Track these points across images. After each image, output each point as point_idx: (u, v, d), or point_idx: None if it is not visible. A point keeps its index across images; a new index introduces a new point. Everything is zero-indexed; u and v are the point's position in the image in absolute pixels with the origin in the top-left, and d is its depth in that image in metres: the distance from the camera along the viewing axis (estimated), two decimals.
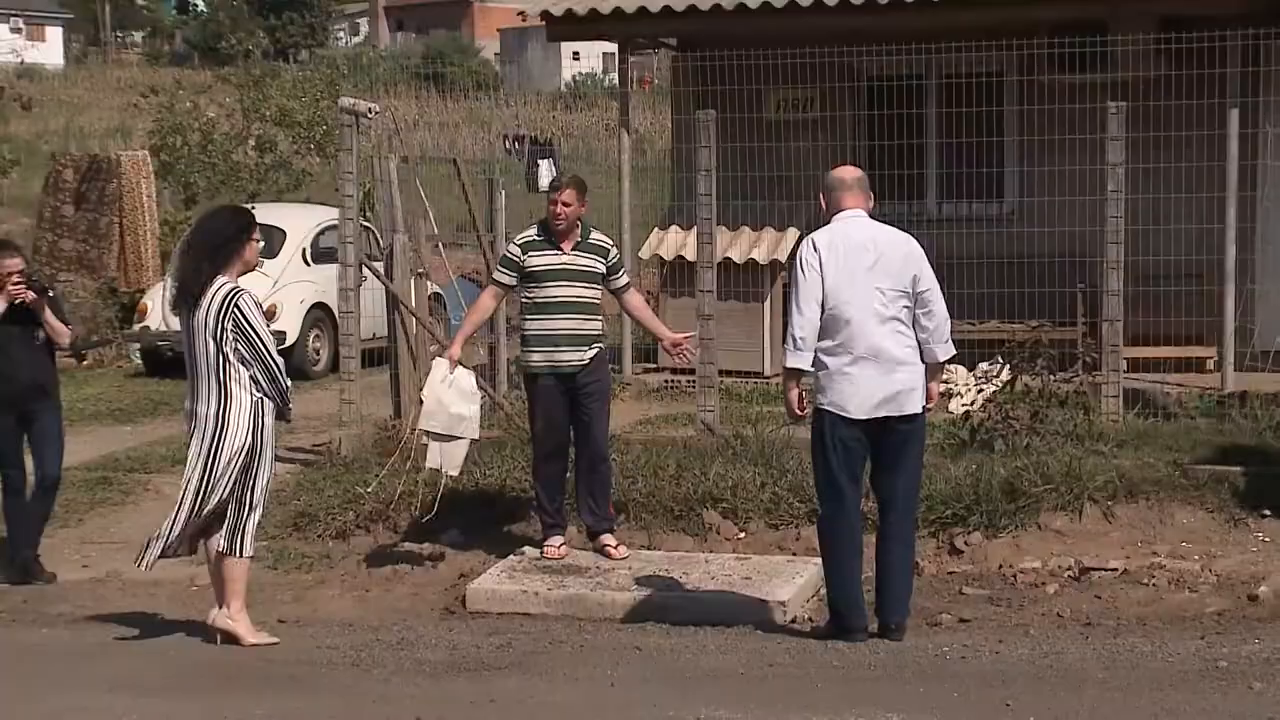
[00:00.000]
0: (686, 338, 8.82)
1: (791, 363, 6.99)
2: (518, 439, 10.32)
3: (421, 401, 8.69)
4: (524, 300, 8.58)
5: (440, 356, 8.90)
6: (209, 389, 7.18)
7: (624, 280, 8.78)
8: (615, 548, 8.58)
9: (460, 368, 8.69)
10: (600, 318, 8.69)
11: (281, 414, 7.33)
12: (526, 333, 8.55)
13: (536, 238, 8.56)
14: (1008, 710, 6.02)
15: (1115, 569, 8.30)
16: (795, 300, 6.98)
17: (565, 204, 8.46)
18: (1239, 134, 11.91)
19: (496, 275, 8.71)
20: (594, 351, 8.53)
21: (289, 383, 7.38)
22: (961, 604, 7.98)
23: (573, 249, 8.53)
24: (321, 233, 16.68)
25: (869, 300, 6.97)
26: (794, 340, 6.95)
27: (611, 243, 8.77)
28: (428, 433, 8.68)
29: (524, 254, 8.52)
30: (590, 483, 8.62)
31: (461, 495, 9.50)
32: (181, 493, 7.26)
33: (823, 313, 6.95)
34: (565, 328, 8.45)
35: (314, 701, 6.38)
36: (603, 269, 8.59)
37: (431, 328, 11.78)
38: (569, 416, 8.55)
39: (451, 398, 8.57)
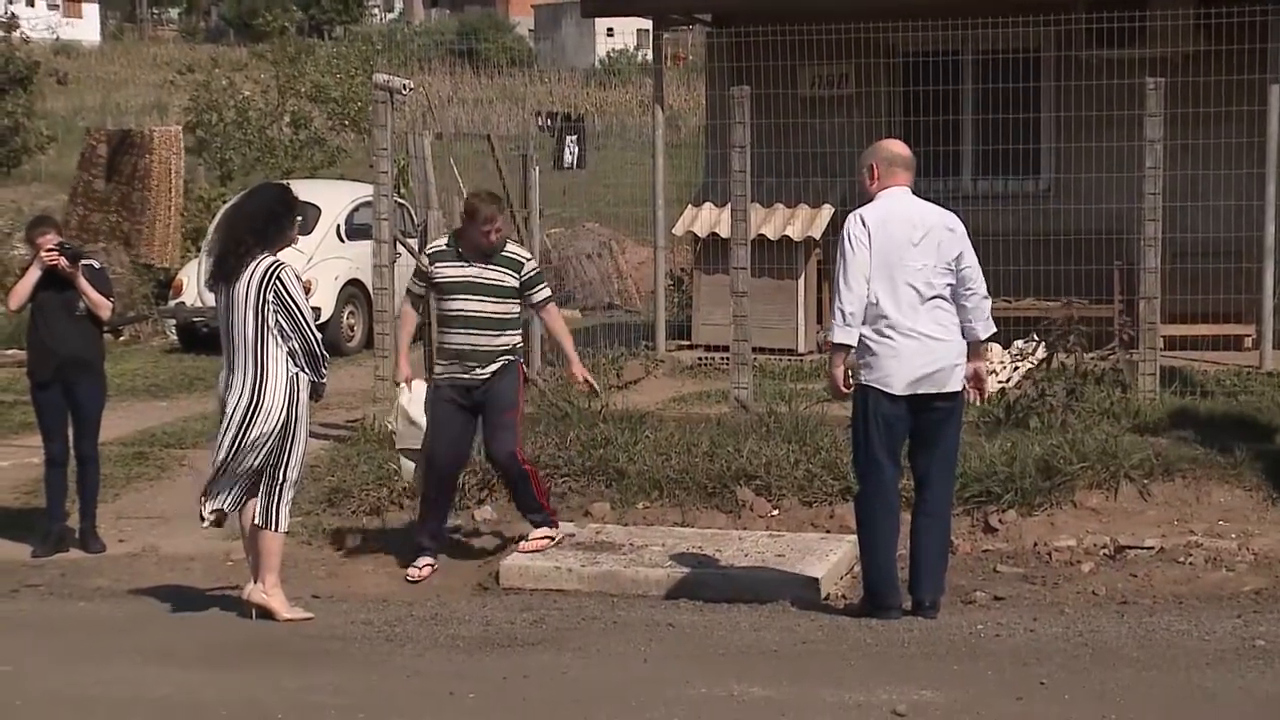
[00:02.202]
0: (588, 381, 8.57)
1: (839, 338, 6.98)
2: (551, 416, 10.32)
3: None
4: (436, 312, 8.34)
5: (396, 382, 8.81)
6: (245, 364, 7.20)
7: (541, 295, 8.44)
8: (540, 539, 8.38)
9: (417, 381, 8.60)
10: (513, 332, 8.39)
11: (316, 391, 7.35)
12: (437, 345, 8.36)
13: (445, 248, 8.30)
14: (1042, 688, 6.00)
15: (1151, 547, 8.26)
16: (843, 275, 6.96)
17: (499, 230, 8.28)
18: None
19: (410, 285, 8.43)
20: (497, 366, 8.26)
21: (327, 358, 7.41)
22: (996, 582, 7.96)
23: (483, 262, 8.27)
24: (356, 209, 16.70)
25: (915, 277, 6.97)
26: (842, 315, 6.94)
27: (528, 255, 8.52)
28: (404, 451, 8.66)
29: (431, 265, 8.27)
30: (509, 487, 8.58)
31: (494, 472, 9.49)
32: (215, 453, 7.29)
33: (869, 289, 6.94)
34: (468, 343, 8.20)
35: (347, 676, 6.40)
36: (515, 283, 8.29)
37: None
38: (468, 430, 8.39)
39: (416, 412, 8.49)
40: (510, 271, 8.30)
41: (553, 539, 8.40)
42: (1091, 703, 5.80)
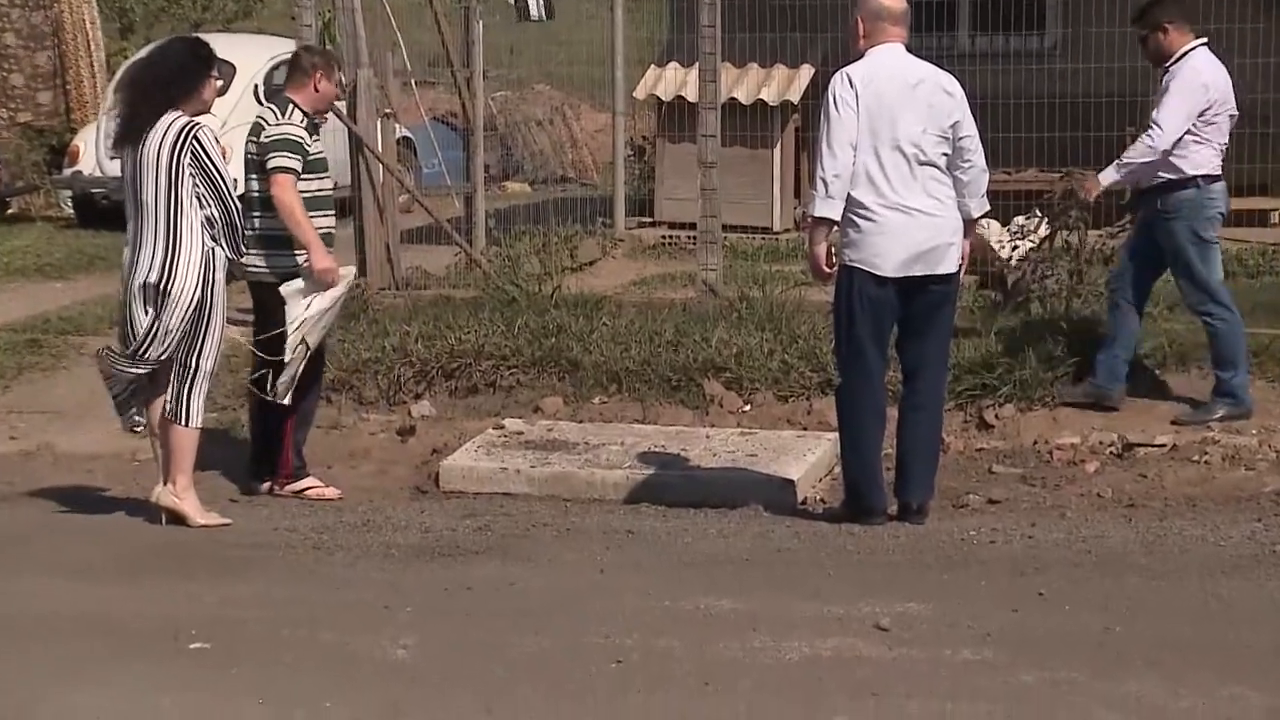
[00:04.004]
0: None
1: (820, 211, 6.95)
2: (497, 301, 10.30)
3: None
4: (303, 195, 7.80)
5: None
6: (155, 235, 7.16)
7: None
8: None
9: (345, 269, 8.19)
10: None
11: (233, 269, 7.32)
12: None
13: (309, 120, 7.96)
14: (1041, 600, 6.06)
15: (1163, 445, 8.32)
16: (826, 142, 6.91)
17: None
18: None
19: (289, 162, 7.79)
20: None
21: (246, 228, 7.37)
22: (991, 483, 8.01)
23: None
24: (275, 68, 16.46)
25: (907, 145, 6.94)
26: (824, 186, 6.90)
27: None
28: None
29: (310, 138, 7.94)
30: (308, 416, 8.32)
31: (434, 362, 9.49)
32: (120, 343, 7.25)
33: (855, 156, 6.90)
34: (334, 227, 8.06)
35: (271, 587, 6.42)
36: None
37: (400, 175, 11.70)
38: None
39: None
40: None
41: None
42: (1095, 614, 5.86)
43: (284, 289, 7.73)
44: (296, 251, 7.75)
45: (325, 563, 6.79)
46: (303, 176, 7.79)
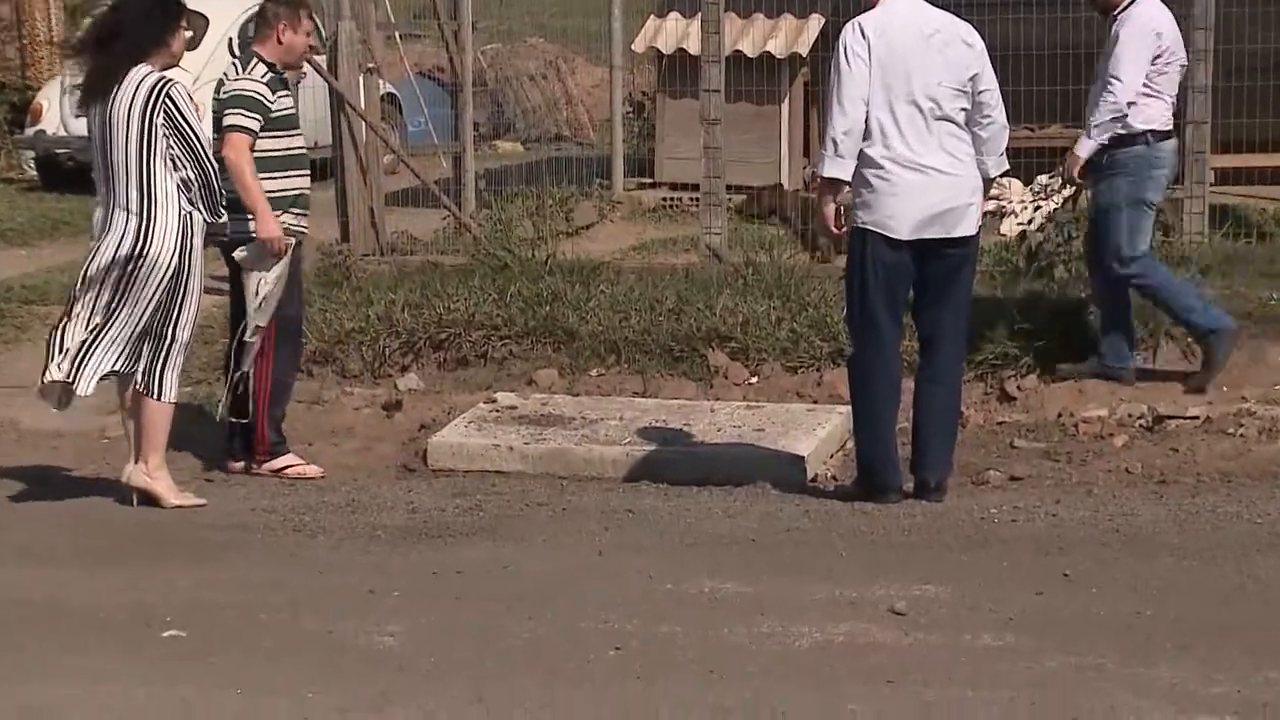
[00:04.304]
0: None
1: (830, 171, 6.95)
2: (487, 267, 10.30)
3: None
4: (269, 155, 7.84)
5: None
6: (127, 199, 7.15)
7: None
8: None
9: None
10: None
11: (212, 233, 7.31)
12: (271, 193, 7.77)
13: (272, 74, 7.92)
14: (1066, 581, 6.08)
15: (1195, 417, 8.32)
16: (837, 97, 6.91)
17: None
18: None
19: (244, 121, 7.73)
20: None
21: (225, 193, 7.38)
22: (1013, 459, 8.02)
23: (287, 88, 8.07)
24: (250, 20, 16.46)
25: (923, 99, 6.94)
26: (833, 144, 6.90)
27: None
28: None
29: (272, 94, 7.88)
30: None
31: (421, 333, 9.49)
32: (81, 311, 7.24)
33: (867, 112, 6.90)
34: (307, 187, 8.06)
35: (249, 571, 6.43)
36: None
37: (384, 134, 11.68)
38: None
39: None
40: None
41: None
42: (1124, 596, 5.88)
43: (237, 255, 7.72)
44: (277, 213, 7.73)
45: (307, 545, 6.80)
46: (266, 134, 7.76)
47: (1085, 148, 8.55)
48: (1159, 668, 5.18)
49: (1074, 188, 10.24)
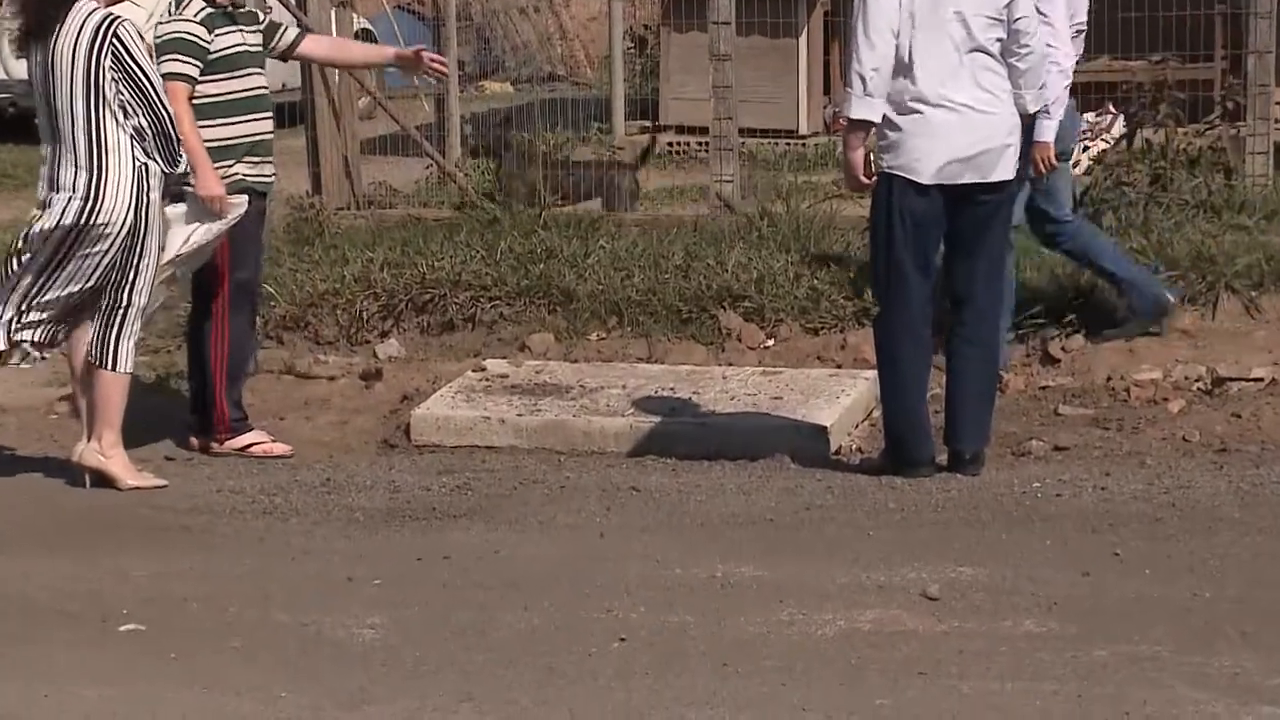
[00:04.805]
0: (421, 48, 8.37)
1: (857, 112, 6.96)
2: (476, 221, 10.30)
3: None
4: (213, 100, 7.81)
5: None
6: (75, 150, 7.16)
7: (290, 32, 8.24)
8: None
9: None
10: None
11: (170, 186, 7.31)
12: (215, 142, 7.75)
13: (210, 10, 7.85)
14: (1116, 560, 6.09)
15: (1260, 379, 8.32)
16: (862, 28, 6.91)
17: None
18: None
19: (181, 67, 7.70)
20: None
21: (181, 140, 7.35)
22: (1057, 427, 8.02)
23: (243, 23, 7.97)
24: None
25: (955, 29, 6.94)
26: (861, 82, 6.90)
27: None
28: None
29: (210, 33, 7.82)
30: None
31: (402, 294, 9.49)
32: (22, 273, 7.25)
33: (896, 44, 6.90)
34: (266, 131, 7.99)
35: (212, 559, 6.45)
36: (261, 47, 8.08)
37: (359, 75, 11.66)
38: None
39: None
40: (259, 30, 8.05)
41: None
42: (1180, 577, 5.90)
43: (168, 211, 7.70)
44: (227, 163, 7.70)
45: (278, 530, 6.82)
46: (208, 78, 7.70)
47: (1048, 132, 8.32)
48: (1219, 656, 5.20)
49: (1128, 125, 10.26)
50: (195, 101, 7.68)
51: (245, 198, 7.76)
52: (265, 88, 8.02)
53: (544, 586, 5.99)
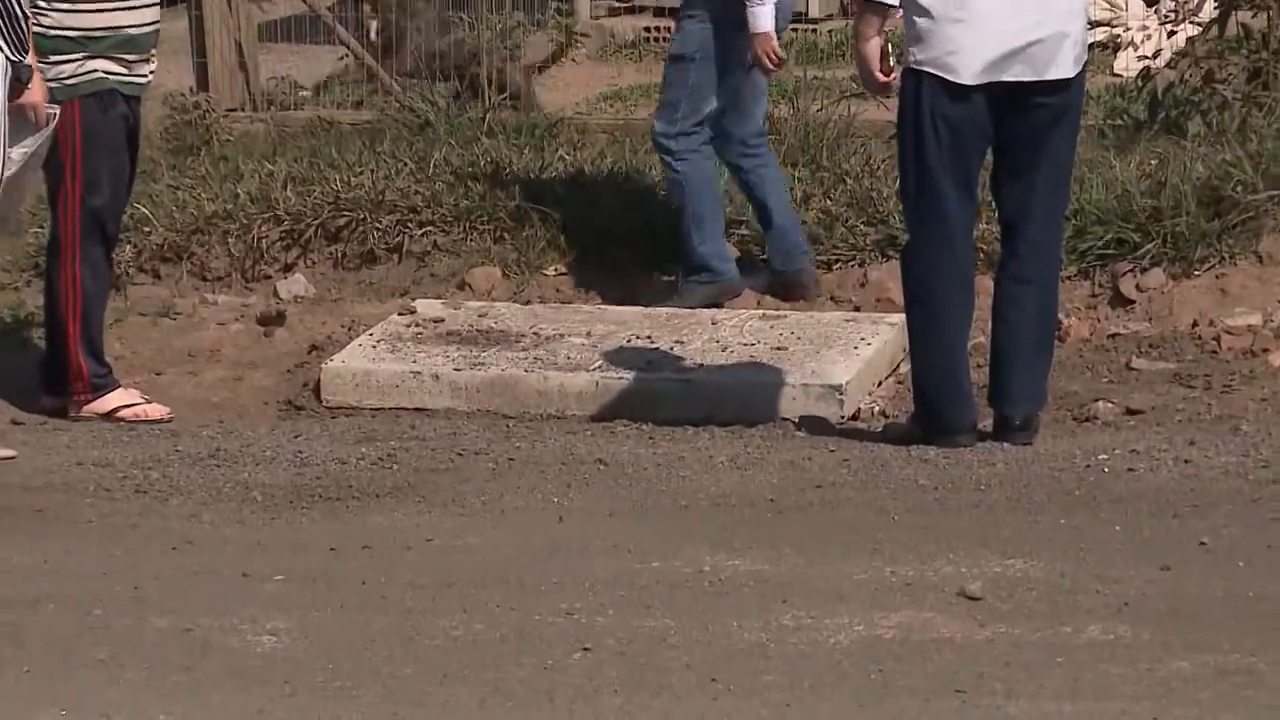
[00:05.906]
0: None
1: None
2: (402, 125, 10.28)
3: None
4: None
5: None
6: None
7: None
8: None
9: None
10: None
11: (18, 78, 7.31)
12: (70, 31, 7.83)
13: None
14: (1202, 552, 6.13)
15: None
16: None
17: None
18: None
19: None
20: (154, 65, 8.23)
21: (29, 22, 7.36)
22: (1130, 385, 8.06)
23: None
24: None
25: None
26: None
27: None
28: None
29: None
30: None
31: (310, 218, 9.47)
32: None
33: None
34: (144, 23, 8.01)
35: (75, 550, 6.46)
36: None
37: None
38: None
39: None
40: None
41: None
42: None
43: None
44: (78, 56, 7.70)
45: (155, 512, 6.82)
46: None
47: (766, 17, 8.50)
48: None
49: (1219, 5, 10.25)
50: None
51: (58, 108, 7.72)
52: None
53: (488, 584, 6.01)
